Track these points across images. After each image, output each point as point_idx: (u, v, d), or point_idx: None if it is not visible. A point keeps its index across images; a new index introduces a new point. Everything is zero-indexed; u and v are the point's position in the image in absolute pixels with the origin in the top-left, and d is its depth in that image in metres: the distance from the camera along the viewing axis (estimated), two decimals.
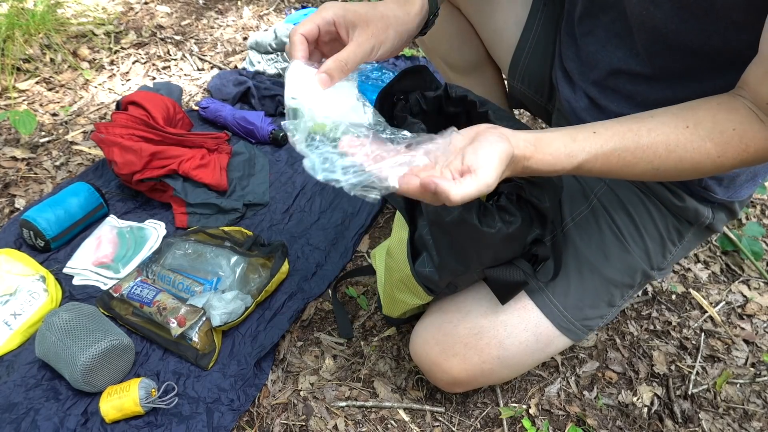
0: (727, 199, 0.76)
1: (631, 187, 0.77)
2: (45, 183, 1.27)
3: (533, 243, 0.72)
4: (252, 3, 1.98)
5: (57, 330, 0.86)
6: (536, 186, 0.68)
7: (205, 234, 1.09)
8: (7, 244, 1.10)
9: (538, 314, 0.78)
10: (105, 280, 1.05)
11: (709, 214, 0.77)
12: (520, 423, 0.92)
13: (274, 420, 0.90)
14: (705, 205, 0.76)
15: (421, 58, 1.69)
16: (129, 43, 1.73)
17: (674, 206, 0.76)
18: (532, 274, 0.72)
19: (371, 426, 0.90)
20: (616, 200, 0.78)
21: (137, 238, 1.11)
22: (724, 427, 0.94)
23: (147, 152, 1.12)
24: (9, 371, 0.91)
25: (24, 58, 1.57)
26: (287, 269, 1.06)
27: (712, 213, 0.77)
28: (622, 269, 0.78)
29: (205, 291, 0.98)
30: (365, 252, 1.17)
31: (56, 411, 0.86)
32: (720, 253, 1.25)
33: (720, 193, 0.75)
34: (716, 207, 0.78)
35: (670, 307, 1.13)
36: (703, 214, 0.77)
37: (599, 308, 0.80)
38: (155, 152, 1.13)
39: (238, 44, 1.77)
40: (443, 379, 0.84)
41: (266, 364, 0.96)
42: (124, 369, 0.91)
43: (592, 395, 0.97)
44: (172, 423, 0.85)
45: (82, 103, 1.50)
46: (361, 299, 1.08)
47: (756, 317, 1.12)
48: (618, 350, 1.04)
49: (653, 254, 0.79)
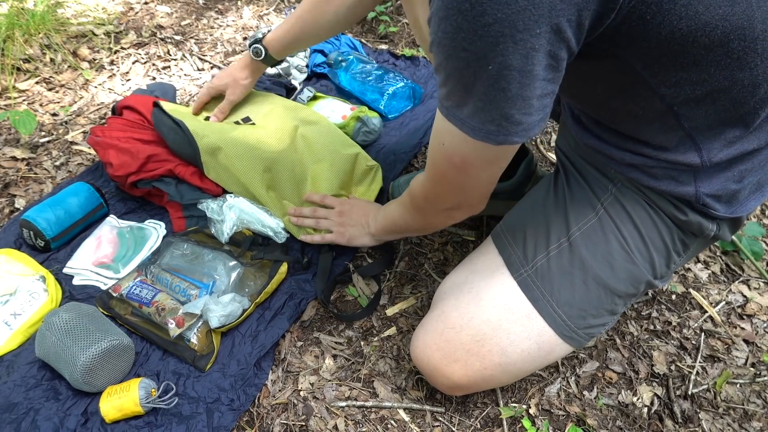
0: (730, 216, 0.74)
1: (638, 199, 0.76)
2: (45, 183, 1.27)
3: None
4: (252, 3, 1.98)
5: (57, 330, 0.86)
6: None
7: (205, 234, 1.09)
8: (7, 244, 1.10)
9: (541, 323, 0.78)
10: (105, 280, 1.05)
11: (714, 227, 0.76)
12: (520, 423, 0.92)
13: (274, 420, 0.90)
14: (708, 220, 0.75)
15: (421, 57, 1.69)
16: (129, 43, 1.73)
17: (678, 220, 0.75)
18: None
19: (371, 426, 0.90)
20: (623, 211, 0.77)
21: (137, 238, 1.11)
22: (724, 427, 0.94)
23: (143, 154, 1.11)
24: (9, 371, 0.91)
25: (24, 58, 1.57)
26: (286, 269, 1.06)
27: (717, 226, 0.76)
28: (626, 280, 0.77)
29: (201, 294, 0.98)
30: (365, 252, 1.17)
31: (56, 411, 0.86)
32: (720, 253, 1.25)
33: (722, 210, 0.73)
34: (721, 221, 0.76)
35: (670, 307, 1.13)
36: (708, 227, 0.75)
37: (602, 317, 0.79)
38: (151, 154, 1.12)
39: (238, 44, 1.77)
40: (444, 383, 0.84)
41: (266, 364, 0.96)
42: (124, 369, 0.91)
43: (592, 395, 0.97)
44: (172, 423, 0.86)
45: (82, 103, 1.50)
46: (362, 299, 1.08)
47: (756, 317, 1.12)
48: (618, 350, 1.04)
49: (658, 265, 0.78)
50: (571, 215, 0.80)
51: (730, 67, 0.59)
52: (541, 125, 0.60)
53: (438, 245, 1.20)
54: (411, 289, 1.11)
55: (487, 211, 1.22)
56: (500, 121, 0.58)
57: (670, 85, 0.62)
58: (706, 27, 0.55)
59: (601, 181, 0.79)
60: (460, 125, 0.61)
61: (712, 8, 0.54)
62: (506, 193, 1.16)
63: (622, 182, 0.77)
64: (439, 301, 0.86)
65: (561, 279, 0.77)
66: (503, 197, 1.17)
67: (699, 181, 0.70)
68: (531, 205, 0.86)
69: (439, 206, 0.81)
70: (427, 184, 0.78)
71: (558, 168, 0.88)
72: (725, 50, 0.58)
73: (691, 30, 0.55)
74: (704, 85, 0.61)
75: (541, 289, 0.78)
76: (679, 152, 0.69)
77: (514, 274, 0.80)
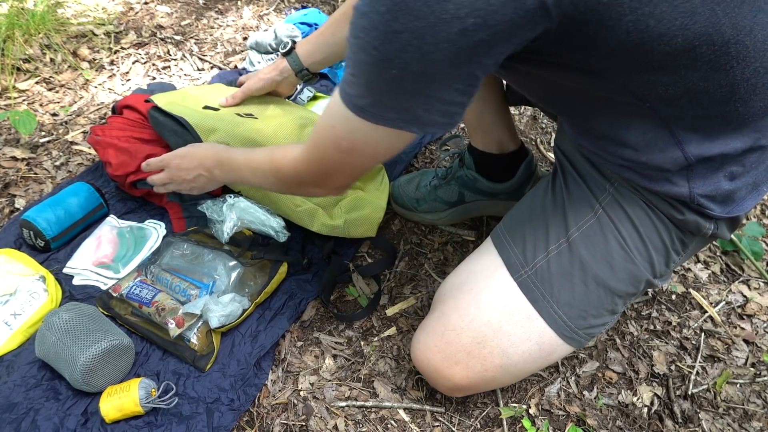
0: (726, 216, 0.74)
1: (636, 198, 0.76)
2: (45, 183, 1.27)
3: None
4: (252, 3, 1.98)
5: (57, 330, 0.86)
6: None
7: (205, 234, 1.09)
8: (7, 244, 1.10)
9: (542, 324, 0.78)
10: (105, 280, 1.05)
11: (711, 226, 0.75)
12: (520, 423, 0.92)
13: (274, 420, 0.90)
14: (706, 219, 0.75)
15: None
16: (129, 43, 1.73)
17: (676, 219, 0.75)
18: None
19: (371, 426, 0.90)
20: (621, 211, 0.77)
21: (137, 239, 1.11)
22: (724, 427, 0.94)
23: (142, 153, 1.11)
24: (9, 371, 0.91)
25: (24, 58, 1.57)
26: (286, 269, 1.06)
27: (715, 225, 0.76)
28: (626, 279, 0.77)
29: (201, 295, 0.98)
30: (365, 252, 1.17)
31: (56, 411, 0.86)
32: (720, 253, 1.25)
33: (718, 210, 0.73)
34: (718, 220, 0.76)
35: (670, 307, 1.13)
36: (705, 226, 0.75)
37: (602, 317, 0.79)
38: (150, 153, 1.12)
39: (238, 44, 1.77)
40: (445, 385, 0.84)
41: (266, 364, 0.96)
42: (124, 369, 0.91)
43: (592, 395, 0.97)
44: (172, 423, 0.86)
45: (82, 103, 1.50)
46: (362, 299, 1.08)
47: (756, 317, 1.12)
48: (618, 350, 1.04)
49: (657, 264, 0.78)
50: (569, 216, 0.80)
51: (703, 69, 0.59)
52: (445, 127, 0.62)
53: (438, 245, 1.20)
54: (411, 289, 1.11)
55: (488, 212, 1.22)
56: (400, 111, 0.60)
57: (639, 85, 0.61)
58: (662, 37, 0.55)
59: (598, 180, 0.79)
60: (360, 113, 0.62)
61: (666, 21, 0.54)
62: (506, 194, 1.16)
63: (619, 182, 0.77)
64: (439, 302, 0.86)
65: (561, 280, 0.77)
66: (503, 198, 1.17)
67: (692, 182, 0.70)
68: (530, 205, 0.86)
69: (306, 181, 0.80)
70: (302, 161, 0.77)
71: (556, 168, 0.88)
72: (693, 55, 0.57)
73: (644, 41, 0.55)
74: (677, 86, 0.60)
75: (541, 290, 0.78)
76: (660, 149, 0.68)
77: (513, 275, 0.80)
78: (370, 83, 0.59)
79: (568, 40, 0.56)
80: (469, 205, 1.19)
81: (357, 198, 1.15)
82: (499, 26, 0.51)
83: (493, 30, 0.51)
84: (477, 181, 1.15)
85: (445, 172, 1.20)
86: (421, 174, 1.24)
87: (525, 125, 1.54)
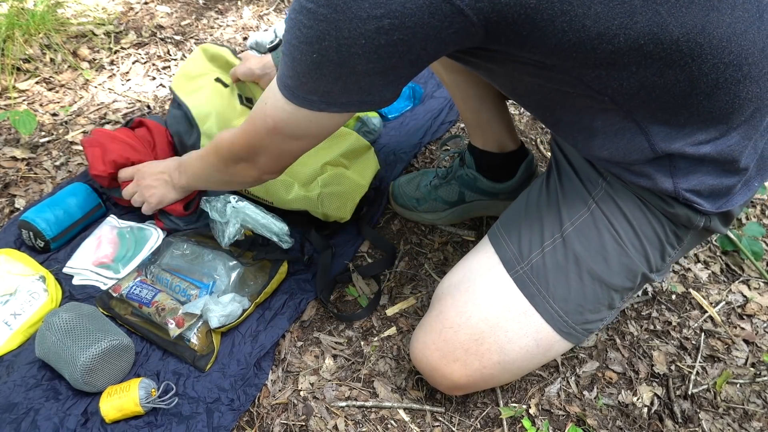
0: (716, 211, 0.74)
1: (628, 192, 0.77)
2: (45, 183, 1.27)
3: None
4: (252, 3, 1.98)
5: (57, 330, 0.86)
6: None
7: (204, 235, 1.09)
8: (7, 244, 1.10)
9: (538, 320, 0.78)
10: (105, 280, 1.05)
11: (702, 219, 0.75)
12: (520, 423, 0.92)
13: (274, 420, 0.90)
14: (695, 213, 0.75)
15: None
16: (129, 43, 1.73)
17: (668, 212, 0.76)
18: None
19: (371, 426, 0.90)
20: (614, 205, 0.77)
21: (137, 239, 1.11)
22: (724, 427, 0.94)
23: (116, 153, 1.08)
24: (9, 371, 0.91)
25: (24, 58, 1.57)
26: (286, 269, 1.06)
27: (707, 218, 0.76)
28: (621, 273, 0.77)
29: (201, 295, 0.98)
30: (365, 252, 1.17)
31: (56, 411, 0.86)
32: (720, 253, 1.25)
33: (706, 205, 0.73)
34: (709, 214, 0.76)
35: (670, 307, 1.13)
36: (696, 218, 0.75)
37: (599, 312, 0.80)
38: (122, 155, 1.09)
39: (238, 44, 1.77)
40: (444, 383, 0.84)
41: (266, 364, 0.96)
42: (124, 369, 0.91)
43: (592, 395, 0.97)
44: (172, 423, 0.86)
45: (82, 103, 1.50)
46: (362, 299, 1.08)
47: (756, 317, 1.12)
48: (618, 350, 1.04)
49: (652, 258, 0.78)
50: (563, 211, 0.80)
51: (656, 66, 0.58)
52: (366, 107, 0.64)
53: (438, 245, 1.20)
54: (411, 289, 1.11)
55: (488, 212, 1.22)
56: (322, 95, 0.62)
57: (592, 79, 0.61)
58: (603, 36, 0.55)
59: (592, 175, 0.80)
60: (285, 91, 0.64)
61: (603, 21, 0.54)
62: (507, 194, 1.16)
63: (610, 176, 0.78)
64: (437, 300, 0.86)
65: (556, 275, 0.78)
66: (503, 198, 1.17)
67: (676, 178, 0.70)
68: (525, 202, 0.87)
69: (238, 155, 0.82)
70: (238, 134, 0.80)
71: (552, 164, 0.88)
72: (641, 53, 0.57)
73: (583, 40, 0.55)
74: (632, 80, 0.60)
75: (537, 285, 0.78)
76: (628, 140, 0.68)
77: (509, 271, 0.80)
78: (295, 63, 0.60)
79: (506, 41, 0.56)
80: (469, 205, 1.19)
81: (338, 173, 1.15)
82: (416, 28, 0.52)
83: (411, 31, 0.52)
84: (477, 180, 1.15)
85: (445, 171, 1.20)
86: (422, 174, 1.24)
87: (525, 125, 1.54)
